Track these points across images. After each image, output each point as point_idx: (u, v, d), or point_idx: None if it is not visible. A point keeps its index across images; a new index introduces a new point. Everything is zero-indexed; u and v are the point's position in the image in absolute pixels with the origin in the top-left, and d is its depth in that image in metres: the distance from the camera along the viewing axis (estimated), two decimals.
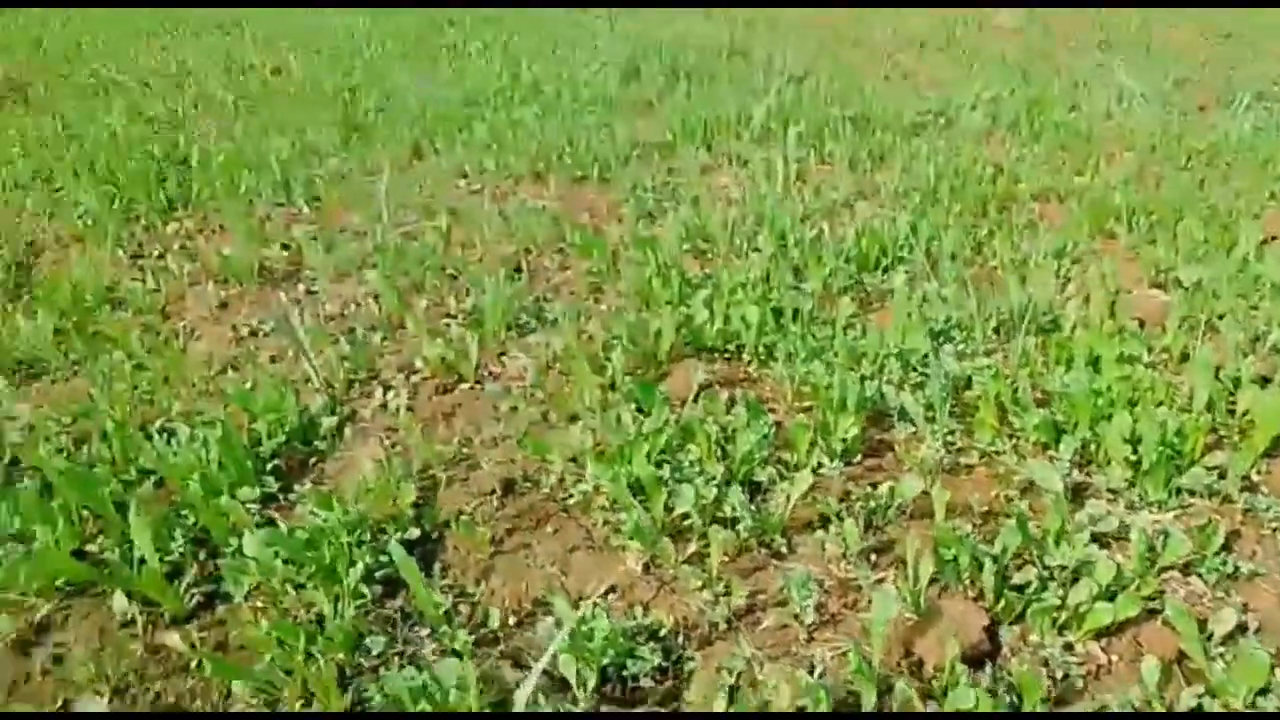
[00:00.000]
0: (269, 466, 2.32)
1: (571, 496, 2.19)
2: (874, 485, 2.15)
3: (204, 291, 3.30)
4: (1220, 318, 2.71)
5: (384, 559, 1.98)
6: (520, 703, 1.57)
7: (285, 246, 3.61)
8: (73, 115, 5.45)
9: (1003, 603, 1.81)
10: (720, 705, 1.63)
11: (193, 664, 1.82)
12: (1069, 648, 1.74)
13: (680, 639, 1.81)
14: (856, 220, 3.47)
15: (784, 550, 2.01)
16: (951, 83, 5.26)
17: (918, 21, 6.94)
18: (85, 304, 3.23)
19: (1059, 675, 1.69)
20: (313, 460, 2.42)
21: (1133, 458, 2.14)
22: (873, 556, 1.98)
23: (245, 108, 5.40)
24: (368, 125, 4.93)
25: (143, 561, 2.00)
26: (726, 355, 2.75)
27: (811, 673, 1.70)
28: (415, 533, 2.09)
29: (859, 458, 2.28)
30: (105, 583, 1.99)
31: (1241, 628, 1.75)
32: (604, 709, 1.67)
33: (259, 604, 1.93)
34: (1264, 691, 1.60)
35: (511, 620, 1.89)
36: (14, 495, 2.21)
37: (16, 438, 2.48)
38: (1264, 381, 2.38)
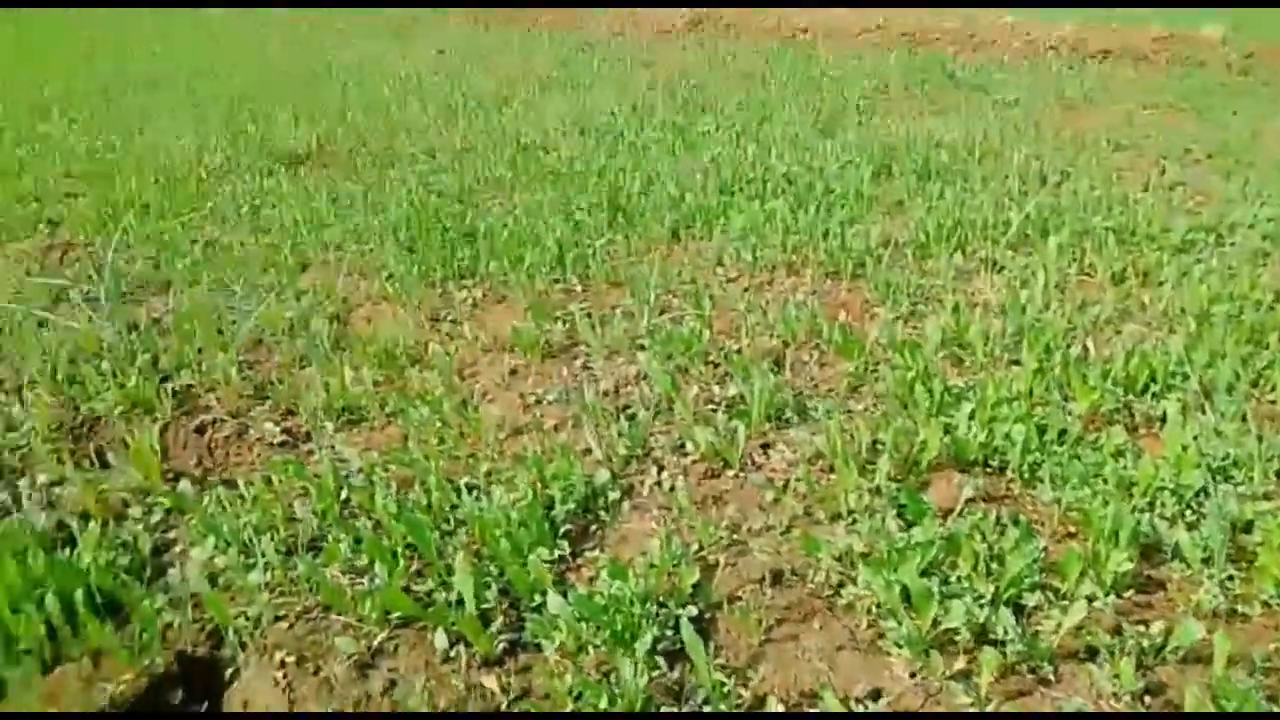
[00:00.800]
0: (561, 530, 2.61)
1: (839, 596, 2.32)
2: (1145, 623, 2.16)
3: (495, 359, 3.70)
4: None
5: (668, 632, 2.19)
6: None
7: (562, 321, 3.98)
8: (374, 182, 6.18)
9: None
10: None
11: (503, 705, 2.10)
12: None
13: None
14: (1123, 340, 3.44)
15: (1051, 679, 2.06)
16: (1224, 196, 5.06)
17: (1188, 127, 6.70)
18: (395, 360, 3.71)
19: None
20: (595, 529, 2.68)
21: None
22: (1145, 698, 1.99)
23: (521, 184, 5.94)
24: (631, 208, 5.31)
25: (461, 603, 2.32)
26: (989, 470, 2.82)
27: None
28: (692, 610, 2.29)
29: (1129, 592, 2.29)
30: (428, 619, 2.31)
31: None
32: None
33: (559, 658, 2.18)
34: None
35: (780, 708, 2.04)
36: (354, 531, 2.62)
37: (353, 480, 2.89)
38: None
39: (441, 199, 5.70)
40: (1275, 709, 1.88)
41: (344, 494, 2.81)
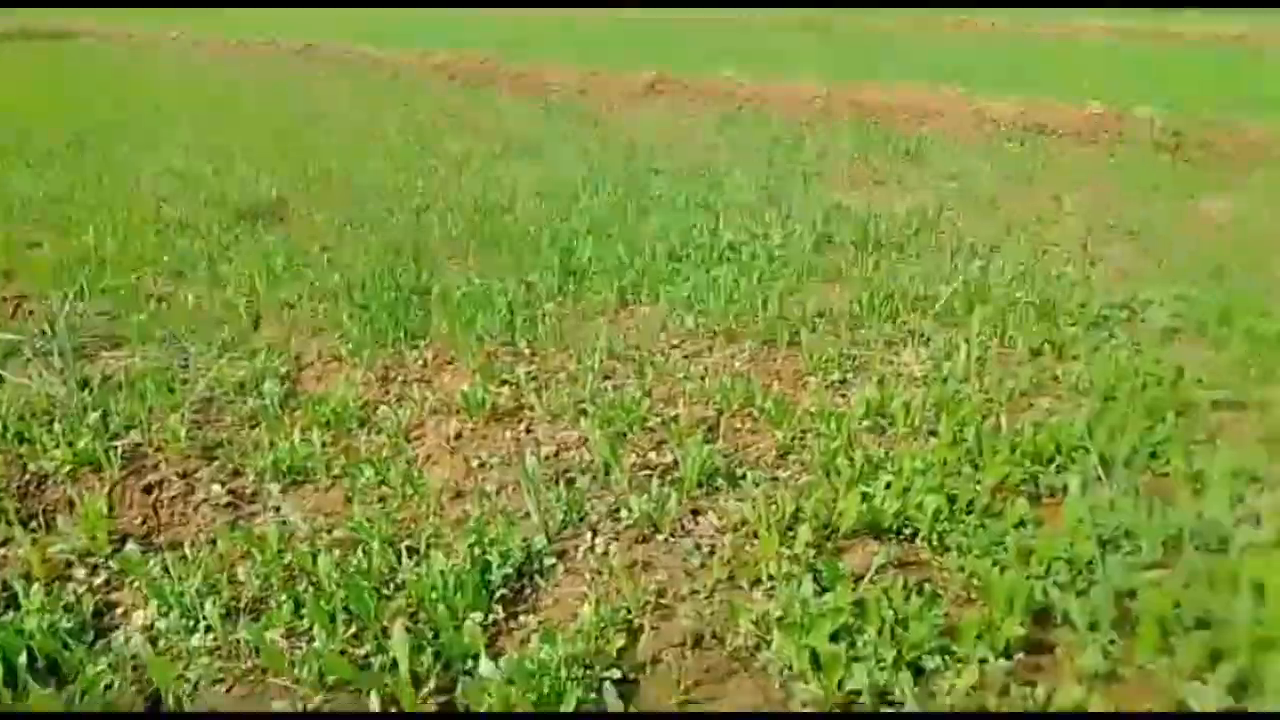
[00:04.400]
0: (497, 595, 2.73)
1: (755, 659, 2.47)
2: (1032, 685, 2.34)
3: (443, 421, 3.83)
4: None
5: (593, 694, 2.33)
6: None
7: (509, 384, 4.12)
8: (331, 240, 6.31)
9: None
10: None
11: None
12: None
13: None
14: (1035, 413, 3.66)
15: None
16: (1142, 274, 5.36)
17: (1114, 203, 7.06)
18: (344, 421, 3.82)
19: None
20: (529, 592, 2.81)
21: None
22: None
23: (477, 246, 6.11)
24: (581, 271, 5.50)
25: (395, 668, 2.43)
26: (902, 538, 3.00)
27: None
28: (616, 673, 2.42)
29: (1021, 655, 2.46)
30: (362, 683, 2.41)
31: None
32: None
33: None
34: None
35: None
36: (295, 594, 2.72)
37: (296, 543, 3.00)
38: None
39: (398, 258, 5.85)
40: None
41: (287, 557, 2.92)
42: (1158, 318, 4.62)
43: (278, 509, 3.25)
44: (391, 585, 2.78)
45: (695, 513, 3.17)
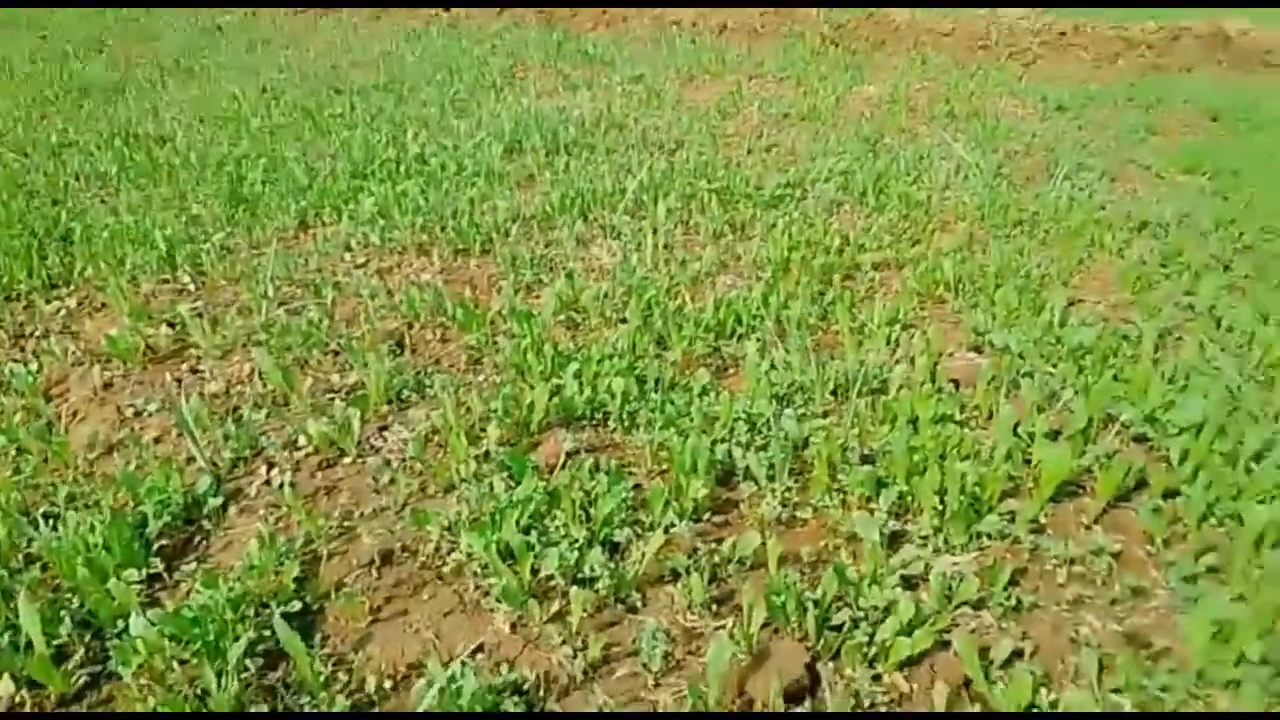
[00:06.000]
0: (155, 547, 2.44)
1: (446, 564, 2.37)
2: (719, 541, 2.41)
3: (87, 372, 3.37)
4: (1025, 377, 3.09)
5: (267, 633, 2.13)
6: None
7: (170, 324, 3.70)
8: None
9: (823, 641, 2.08)
10: None
11: None
12: (877, 679, 2.01)
13: (541, 691, 2.01)
14: (716, 290, 3.77)
15: (638, 605, 2.24)
16: (810, 155, 5.67)
17: (786, 93, 7.42)
18: None
19: (867, 705, 1.96)
20: (198, 539, 2.54)
21: (940, 507, 2.45)
22: (715, 606, 2.23)
23: (129, 179, 5.43)
24: (254, 198, 5.03)
25: (30, 646, 2.10)
26: (594, 423, 2.99)
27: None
28: (297, 605, 2.24)
29: (708, 515, 2.53)
30: None
31: (1018, 653, 2.05)
32: None
33: (145, 681, 2.04)
34: (1032, 707, 1.90)
35: (388, 684, 2.06)
36: None
37: None
38: (1054, 435, 2.74)
39: (31, 200, 5.08)
40: (815, 596, 2.16)
41: None
42: (825, 192, 4.90)
43: None
44: (23, 558, 2.41)
45: (383, 429, 3.00)
